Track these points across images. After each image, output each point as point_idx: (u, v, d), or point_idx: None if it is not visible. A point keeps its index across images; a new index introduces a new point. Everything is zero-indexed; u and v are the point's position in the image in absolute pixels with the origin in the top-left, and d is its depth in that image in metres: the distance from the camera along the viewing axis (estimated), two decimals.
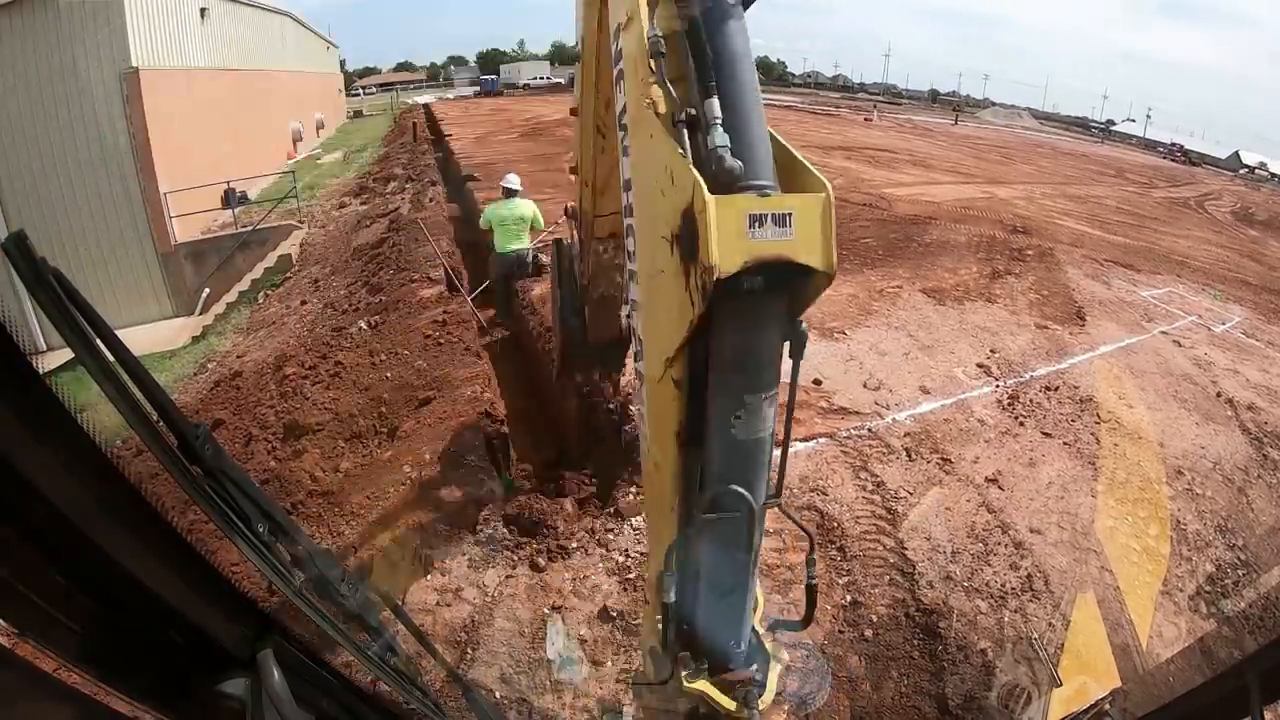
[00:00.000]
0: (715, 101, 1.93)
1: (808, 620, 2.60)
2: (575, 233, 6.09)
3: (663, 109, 2.01)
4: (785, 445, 2.22)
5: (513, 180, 11.13)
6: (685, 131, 1.95)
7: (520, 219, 11.06)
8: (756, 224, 1.74)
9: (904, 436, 8.53)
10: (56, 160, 19.32)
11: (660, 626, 2.35)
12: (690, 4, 2.08)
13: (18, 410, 0.91)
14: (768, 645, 2.60)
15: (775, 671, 2.52)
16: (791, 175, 2.00)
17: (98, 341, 1.11)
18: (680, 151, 1.89)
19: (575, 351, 6.76)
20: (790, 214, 1.77)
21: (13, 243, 0.97)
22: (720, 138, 1.86)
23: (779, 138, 2.07)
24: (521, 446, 8.41)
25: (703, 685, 2.36)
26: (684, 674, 2.36)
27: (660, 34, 2.05)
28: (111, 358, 1.13)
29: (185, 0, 24.65)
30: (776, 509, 2.32)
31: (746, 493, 2.08)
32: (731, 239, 1.71)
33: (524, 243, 11.27)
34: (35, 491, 0.95)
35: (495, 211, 11.05)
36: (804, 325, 2.03)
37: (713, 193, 1.74)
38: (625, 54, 2.34)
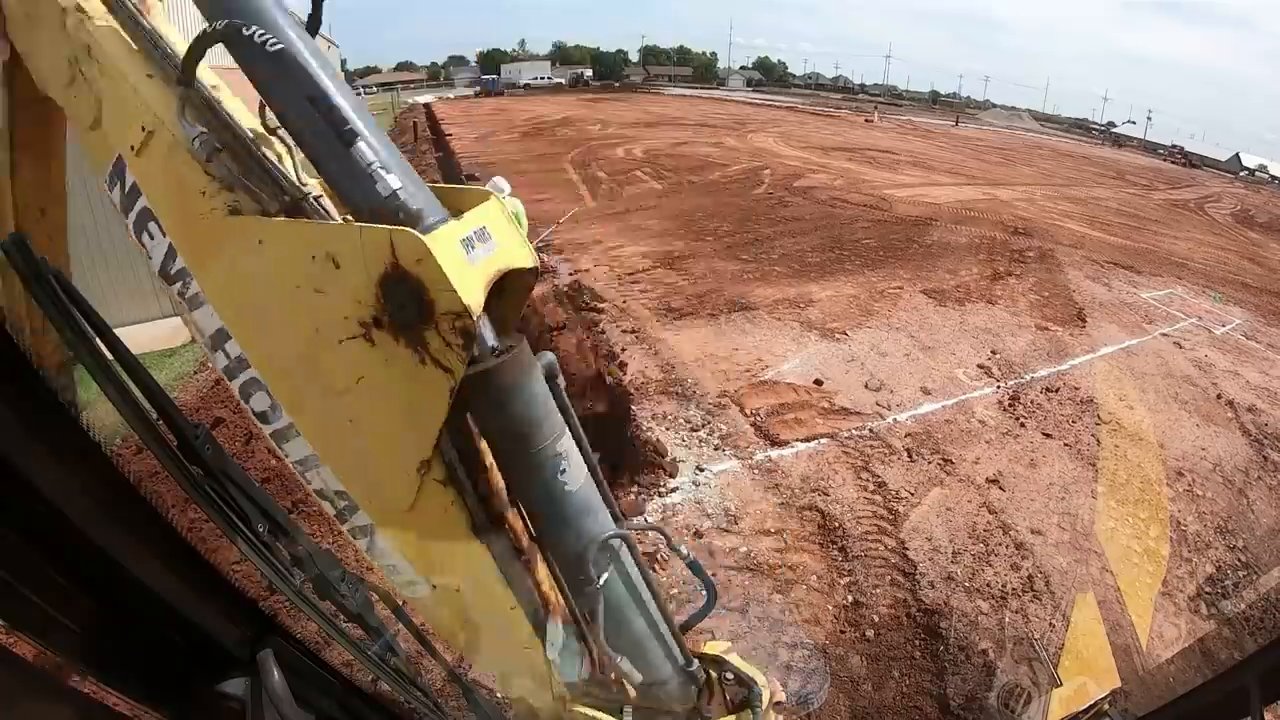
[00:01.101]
0: (362, 146, 1.63)
1: (712, 598, 2.45)
2: None
3: (256, 205, 1.68)
4: (593, 468, 1.98)
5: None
6: (305, 215, 1.68)
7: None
8: (469, 247, 1.58)
9: (905, 437, 8.53)
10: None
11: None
12: (247, 65, 1.65)
13: (18, 410, 0.91)
14: (707, 646, 2.51)
15: (735, 657, 2.46)
16: (446, 199, 1.78)
17: (98, 341, 1.11)
18: (334, 223, 1.67)
19: None
20: (484, 227, 1.65)
21: (13, 243, 0.97)
22: (394, 179, 1.62)
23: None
24: None
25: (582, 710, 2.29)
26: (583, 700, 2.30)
27: (203, 129, 1.68)
28: (111, 358, 1.13)
29: None
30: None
31: (618, 530, 1.98)
32: (463, 269, 1.53)
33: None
34: (35, 491, 0.95)
35: None
36: (551, 355, 1.88)
37: None
38: (149, 186, 1.79)
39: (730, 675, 2.39)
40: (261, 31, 1.53)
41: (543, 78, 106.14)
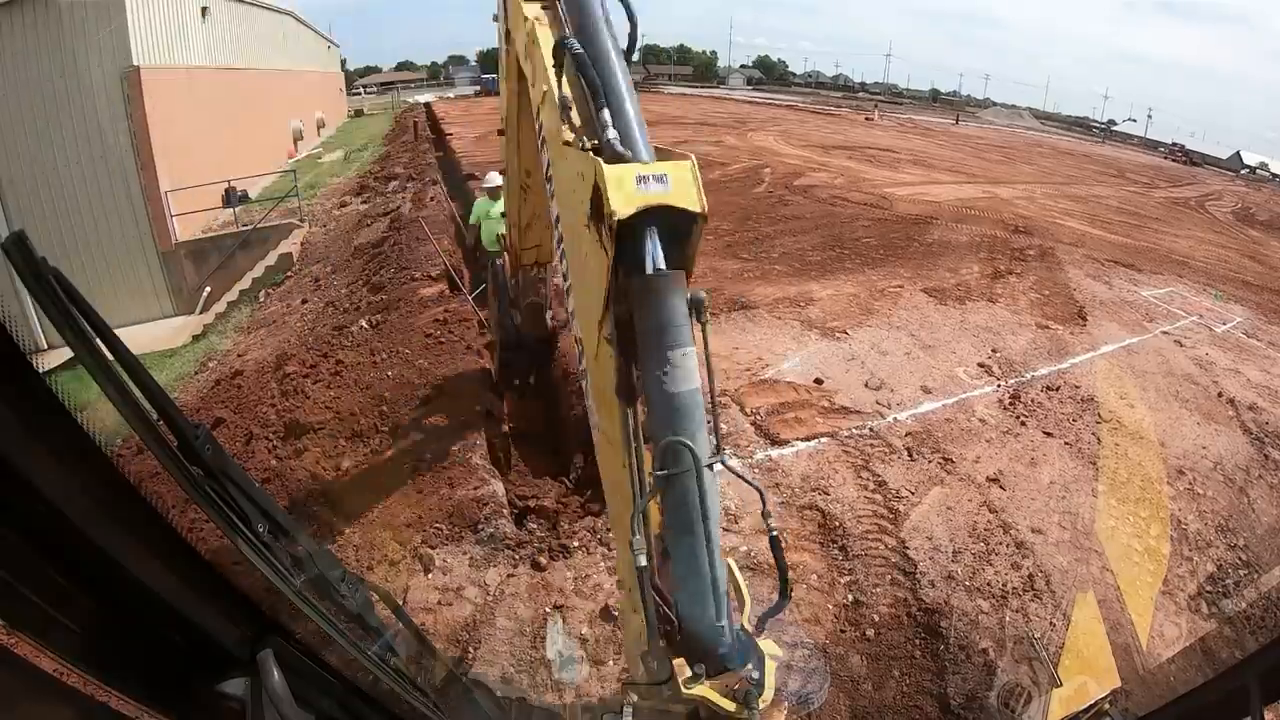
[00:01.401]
0: (605, 113, 2.50)
1: (784, 590, 2.72)
2: (507, 256, 7.57)
3: (569, 138, 2.66)
4: (714, 397, 2.51)
5: (494, 178, 10.97)
6: (583, 142, 2.56)
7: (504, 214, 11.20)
8: (643, 182, 2.26)
9: (905, 436, 8.53)
10: (57, 159, 19.31)
11: (644, 613, 2.34)
12: (577, 50, 2.61)
13: (18, 410, 0.91)
14: (760, 643, 2.60)
15: (772, 669, 2.52)
16: (665, 158, 2.49)
17: (98, 341, 1.11)
18: (583, 152, 2.48)
19: (512, 352, 8.10)
20: (667, 175, 2.31)
21: (13, 243, 0.96)
22: (610, 134, 2.44)
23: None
24: (523, 445, 8.44)
25: (702, 690, 2.35)
26: (683, 679, 2.35)
27: (567, 94, 2.71)
28: (111, 358, 1.13)
29: None
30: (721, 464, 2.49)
31: (689, 442, 2.30)
32: (625, 193, 2.23)
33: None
34: (35, 491, 0.95)
35: (482, 206, 10.86)
36: (704, 293, 2.45)
37: None
38: (544, 119, 3.07)
39: (756, 674, 2.44)
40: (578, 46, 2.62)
41: None
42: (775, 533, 2.80)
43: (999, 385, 10.19)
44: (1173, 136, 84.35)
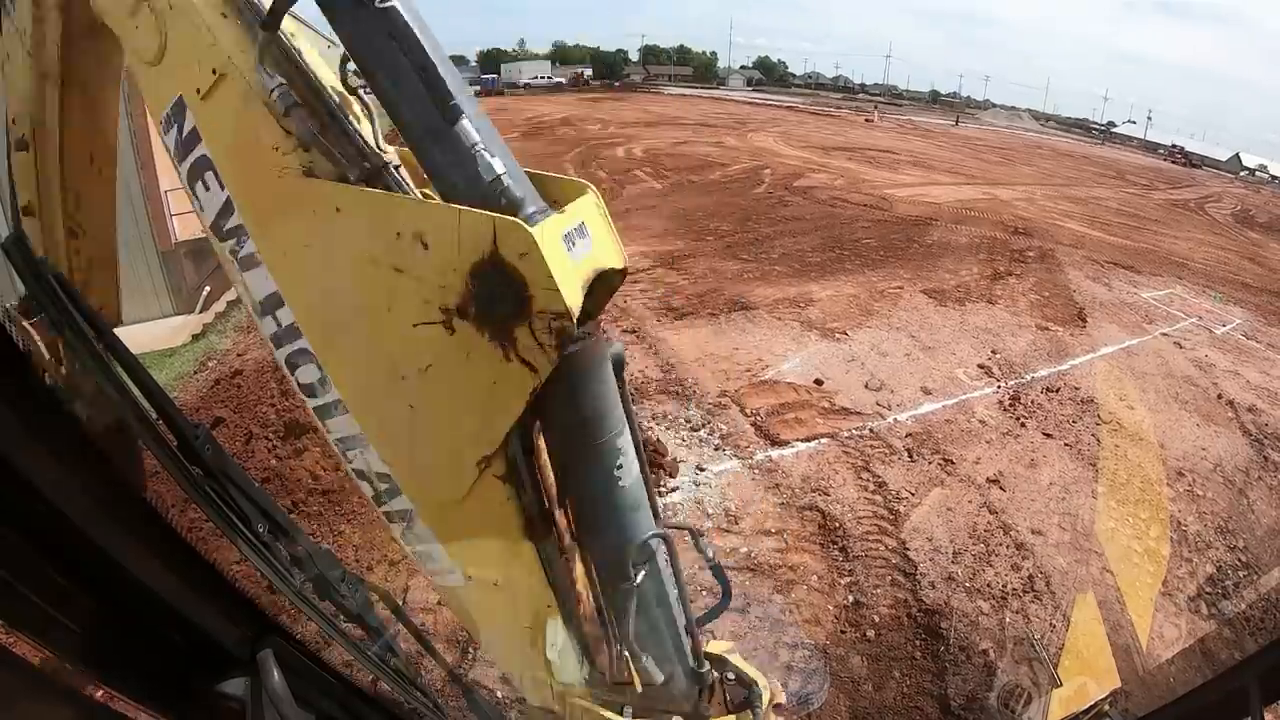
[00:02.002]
0: (466, 123, 1.54)
1: (726, 598, 2.40)
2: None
3: (336, 170, 1.58)
4: (644, 465, 1.94)
5: None
6: (392, 178, 1.61)
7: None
8: (570, 243, 1.50)
9: (905, 437, 8.53)
10: None
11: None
12: (343, 18, 1.56)
13: (18, 410, 0.91)
14: (710, 646, 2.50)
15: (738, 659, 2.46)
16: (540, 187, 1.70)
17: (97, 342, 1.11)
18: (424, 199, 1.59)
19: None
20: (583, 222, 1.57)
21: (13, 243, 0.96)
22: (495, 166, 1.54)
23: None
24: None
25: None
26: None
27: (283, 80, 1.56)
28: (111, 358, 1.13)
29: None
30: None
31: (660, 529, 1.92)
32: (566, 267, 1.45)
33: None
34: (35, 491, 0.95)
35: None
36: (620, 346, 1.76)
37: None
38: (212, 134, 1.68)
39: (731, 676, 2.39)
40: None
41: (543, 77, 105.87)
42: (715, 560, 2.31)
43: (999, 386, 10.19)
44: (1172, 138, 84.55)
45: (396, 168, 1.61)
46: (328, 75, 1.65)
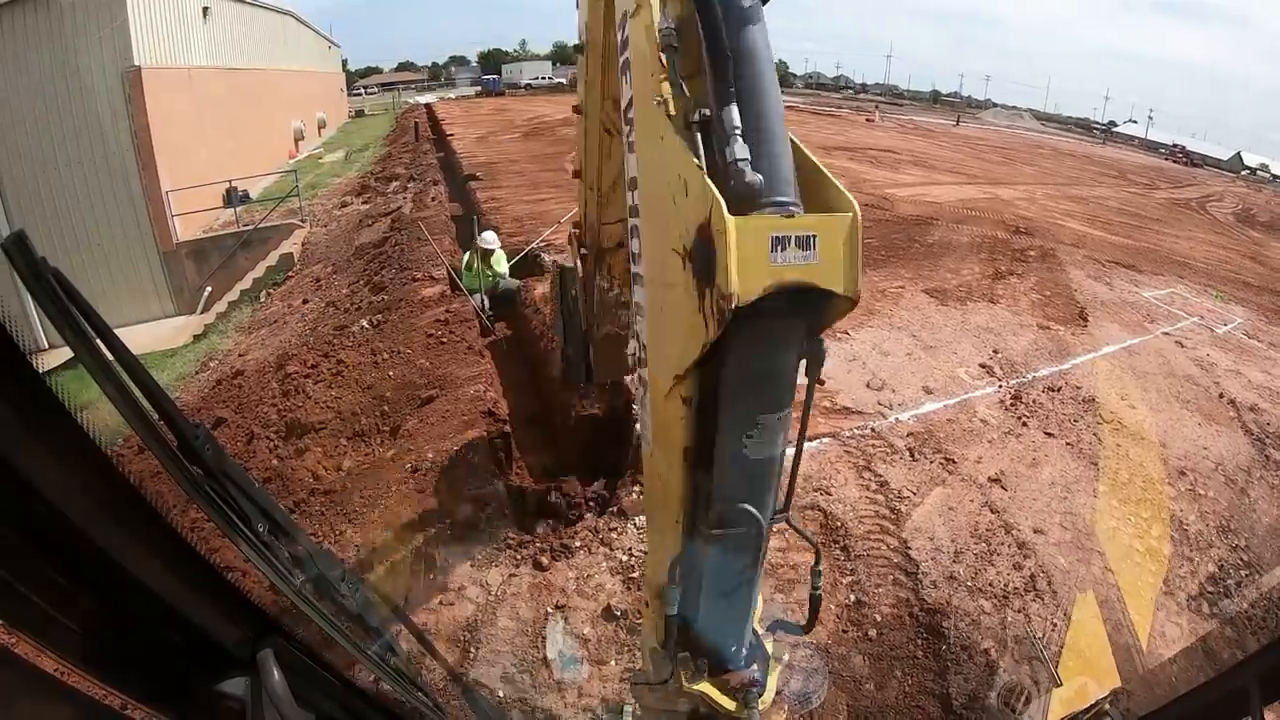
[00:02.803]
0: (734, 109, 1.75)
1: (809, 627, 2.64)
2: (579, 260, 5.54)
3: (674, 109, 1.84)
4: (796, 460, 2.15)
5: (490, 239, 12.24)
6: (699, 135, 1.79)
7: (491, 275, 12.07)
8: (779, 247, 1.62)
9: (907, 436, 8.53)
10: (58, 158, 19.36)
11: (662, 630, 2.34)
12: None
13: (18, 410, 0.91)
14: (768, 645, 2.59)
15: (775, 672, 2.52)
16: (815, 191, 1.85)
17: (98, 341, 1.11)
18: (695, 161, 1.74)
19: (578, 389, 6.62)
20: (814, 235, 1.65)
21: (13, 243, 0.96)
22: (740, 149, 1.69)
23: (802, 148, 1.89)
24: (524, 446, 8.43)
25: (704, 687, 2.36)
26: (685, 675, 2.35)
27: (673, 25, 1.86)
28: (111, 358, 1.13)
29: None
30: (784, 521, 2.26)
31: (756, 511, 2.03)
32: (752, 263, 1.59)
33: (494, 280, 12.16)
34: (35, 491, 0.95)
35: (470, 262, 11.97)
36: (823, 343, 1.91)
37: (731, 211, 1.61)
38: (632, 44, 2.12)
39: (758, 674, 2.44)
40: None
41: (544, 78, 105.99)
42: (818, 591, 2.62)
43: (1000, 386, 10.20)
44: (1173, 137, 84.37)
45: (735, 163, 1.74)
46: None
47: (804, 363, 1.93)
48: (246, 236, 21.36)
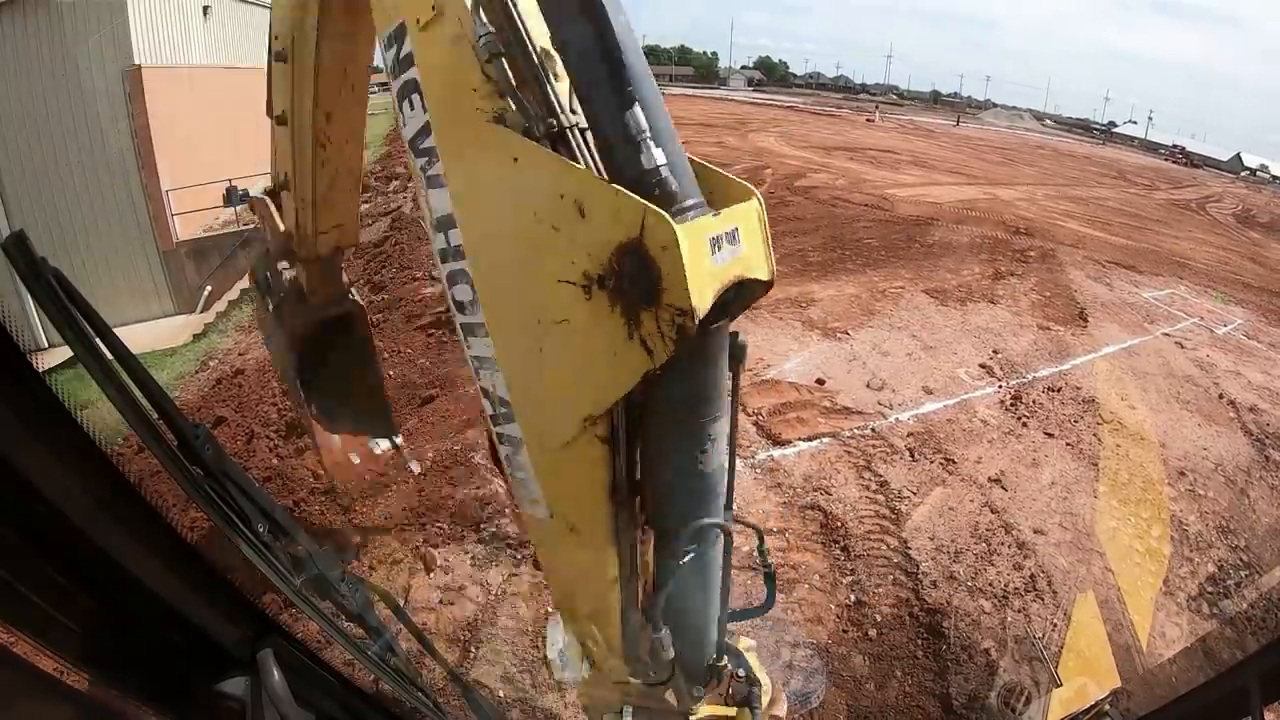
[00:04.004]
0: (638, 110, 1.59)
1: (768, 605, 2.51)
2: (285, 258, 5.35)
3: (515, 122, 1.67)
4: (732, 457, 1.99)
5: None
6: (568, 146, 1.66)
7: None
8: (716, 247, 1.54)
9: (907, 436, 8.53)
10: (59, 157, 19.34)
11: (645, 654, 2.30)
12: None
13: (18, 410, 0.91)
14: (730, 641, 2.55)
15: (753, 659, 2.50)
16: (707, 184, 1.74)
17: (98, 341, 1.11)
18: (595, 175, 1.62)
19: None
20: (737, 229, 1.59)
21: (13, 243, 0.96)
22: (658, 154, 1.58)
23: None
24: None
25: (708, 709, 2.35)
26: (683, 708, 2.35)
27: (492, 30, 1.66)
28: (111, 358, 1.13)
29: None
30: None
31: (720, 521, 1.99)
32: (703, 270, 1.49)
33: None
34: (35, 491, 0.95)
35: None
36: (741, 337, 1.82)
37: None
38: (424, 63, 1.87)
39: (742, 672, 2.43)
40: None
41: None
42: (770, 568, 2.48)
43: (1000, 386, 10.19)
44: (1173, 138, 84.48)
45: (584, 131, 1.67)
46: (540, 32, 1.72)
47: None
48: (246, 236, 21.30)
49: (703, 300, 1.46)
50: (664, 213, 1.44)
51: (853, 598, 6.10)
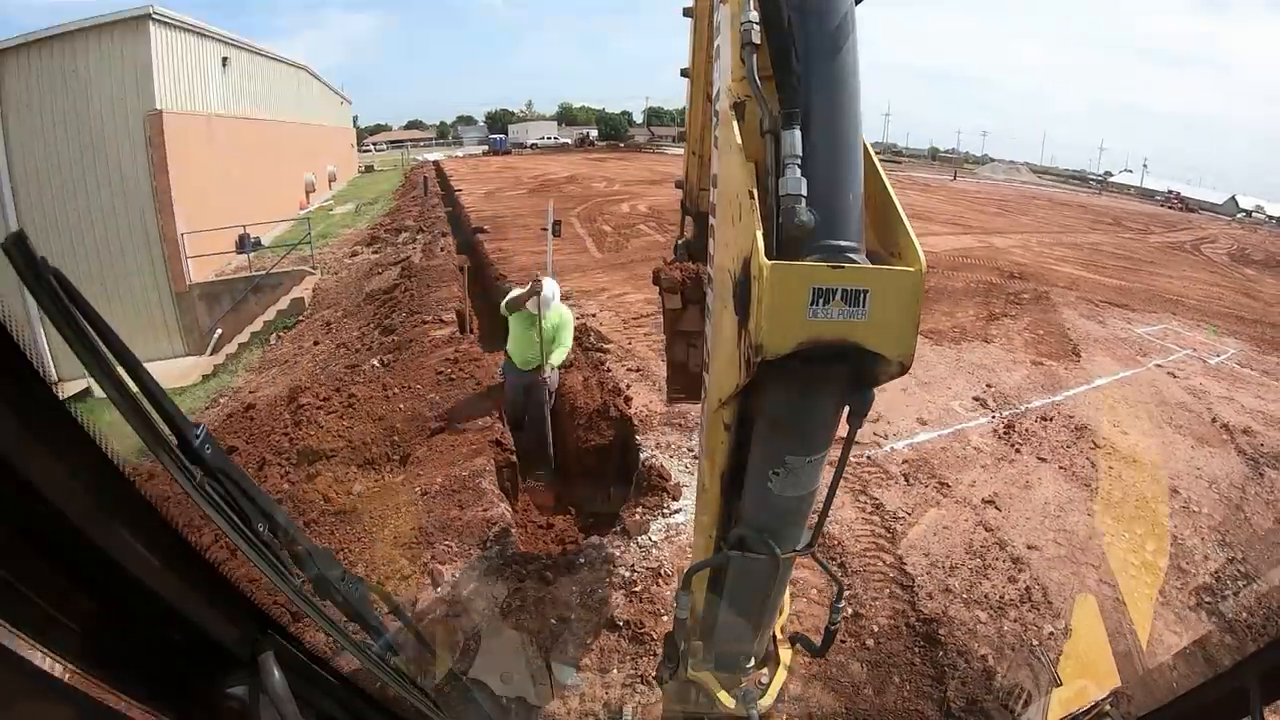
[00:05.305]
0: (796, 134, 1.51)
1: (822, 652, 2.58)
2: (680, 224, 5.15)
3: (747, 113, 1.67)
4: (828, 501, 2.09)
5: (551, 290, 8.10)
6: (771, 147, 1.60)
7: (554, 327, 8.35)
8: (821, 300, 1.43)
9: (902, 463, 8.59)
10: (78, 195, 19.61)
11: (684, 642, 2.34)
12: None
13: (18, 410, 0.93)
14: (785, 654, 2.57)
15: (781, 677, 2.51)
16: (884, 229, 1.68)
17: (98, 342, 1.12)
18: (751, 186, 1.57)
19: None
20: (867, 292, 1.45)
21: (13, 243, 0.97)
22: (794, 183, 1.48)
23: (883, 175, 1.70)
24: (530, 474, 8.56)
25: (705, 676, 2.36)
26: (692, 662, 2.36)
27: (756, 21, 1.59)
28: (111, 357, 1.15)
29: (208, 49, 25.15)
30: (810, 556, 2.24)
31: (774, 543, 2.02)
32: (786, 315, 1.43)
33: (545, 358, 8.33)
34: (35, 491, 0.97)
35: (514, 299, 8.12)
36: (870, 393, 1.78)
37: (779, 250, 1.47)
38: (722, 32, 1.88)
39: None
40: None
41: (549, 138, 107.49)
42: (836, 626, 2.51)
43: (994, 416, 10.28)
44: (1169, 184, 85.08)
45: (788, 197, 1.60)
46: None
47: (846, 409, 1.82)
48: (258, 281, 21.46)
49: (775, 344, 1.46)
50: (761, 247, 1.45)
51: (850, 610, 6.12)
